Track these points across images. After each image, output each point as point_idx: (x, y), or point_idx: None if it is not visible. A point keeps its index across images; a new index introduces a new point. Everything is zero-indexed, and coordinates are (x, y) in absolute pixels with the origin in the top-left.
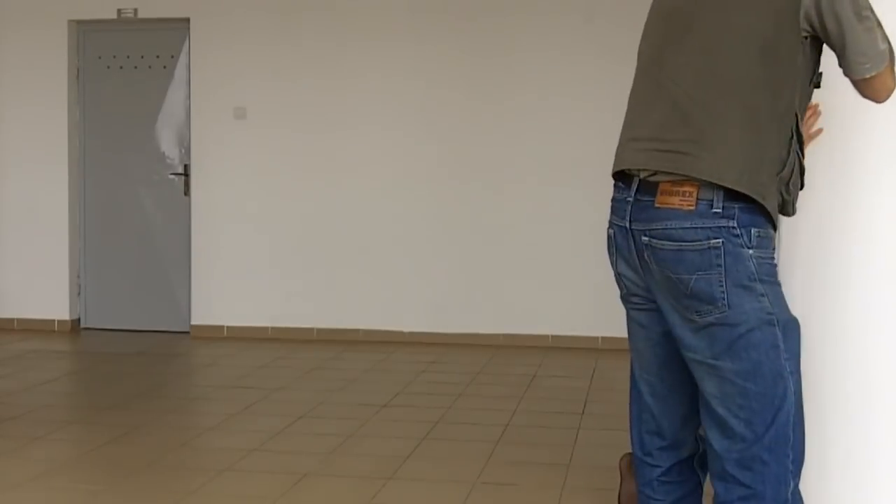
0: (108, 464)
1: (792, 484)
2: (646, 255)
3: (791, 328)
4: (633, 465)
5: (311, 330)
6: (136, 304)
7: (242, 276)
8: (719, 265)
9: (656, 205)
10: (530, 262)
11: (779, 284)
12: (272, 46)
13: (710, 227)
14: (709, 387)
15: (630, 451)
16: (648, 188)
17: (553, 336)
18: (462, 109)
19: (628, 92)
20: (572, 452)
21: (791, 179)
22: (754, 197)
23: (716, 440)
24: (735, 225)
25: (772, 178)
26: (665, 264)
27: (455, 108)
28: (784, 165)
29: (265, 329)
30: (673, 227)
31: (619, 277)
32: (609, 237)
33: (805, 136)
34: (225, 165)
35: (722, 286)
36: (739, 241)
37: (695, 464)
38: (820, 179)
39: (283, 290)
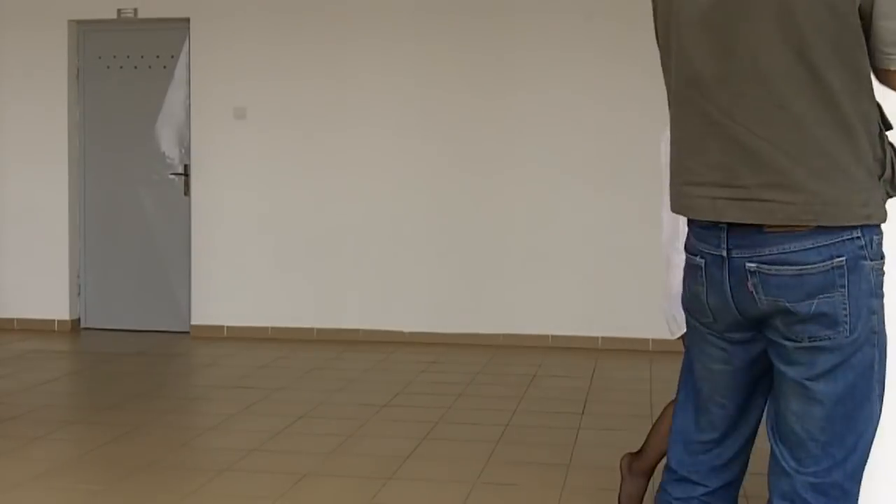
0: (108, 464)
1: None
2: (749, 285)
3: (885, 346)
4: (663, 482)
5: (311, 330)
6: (136, 304)
7: (242, 276)
8: (843, 286)
9: (766, 230)
10: (530, 261)
11: (884, 295)
12: (272, 46)
13: (833, 244)
14: (793, 405)
15: (630, 451)
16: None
17: (553, 336)
18: (461, 109)
19: (629, 90)
20: (572, 452)
21: (895, 177)
22: (860, 224)
23: (786, 459)
24: (860, 234)
25: (874, 188)
26: (779, 292)
27: (454, 108)
28: (883, 167)
29: (265, 329)
30: (792, 249)
31: (703, 308)
32: (698, 267)
33: None
34: (225, 165)
35: (846, 308)
36: (863, 252)
37: (734, 494)
38: None
39: (283, 290)
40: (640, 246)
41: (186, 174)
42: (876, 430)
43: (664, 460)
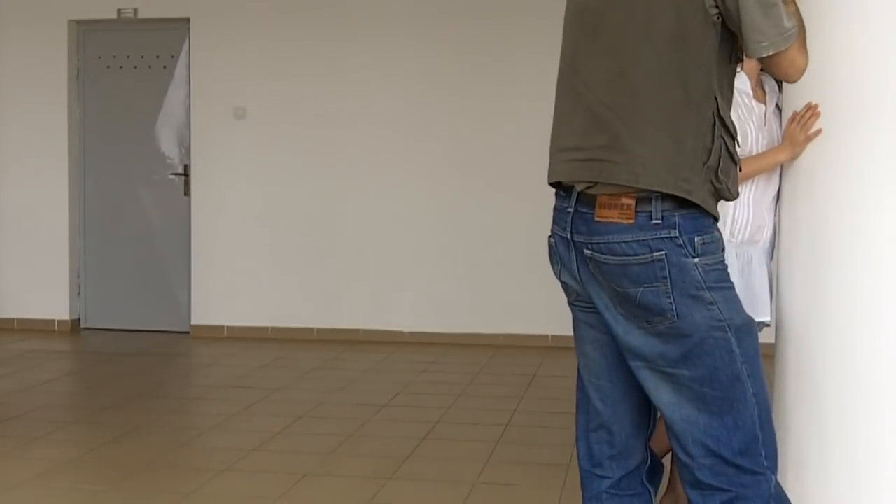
0: (108, 464)
1: (773, 479)
2: (590, 267)
3: (745, 332)
4: (581, 480)
5: (311, 330)
6: (136, 304)
7: (242, 276)
8: (664, 277)
9: (596, 218)
10: (530, 261)
11: (731, 287)
12: (272, 46)
13: (651, 239)
14: (664, 395)
15: None
16: (587, 199)
17: (553, 336)
18: (461, 109)
19: None
20: (572, 452)
21: (720, 166)
22: (679, 194)
23: (678, 450)
24: (677, 234)
25: (696, 169)
26: (610, 277)
27: (454, 108)
28: (710, 153)
29: (265, 329)
30: (615, 241)
31: (563, 285)
32: (550, 246)
33: (804, 136)
34: (225, 165)
35: (669, 297)
36: (683, 251)
37: (644, 478)
38: (820, 179)
39: (283, 290)
40: None
41: (186, 174)
42: (756, 406)
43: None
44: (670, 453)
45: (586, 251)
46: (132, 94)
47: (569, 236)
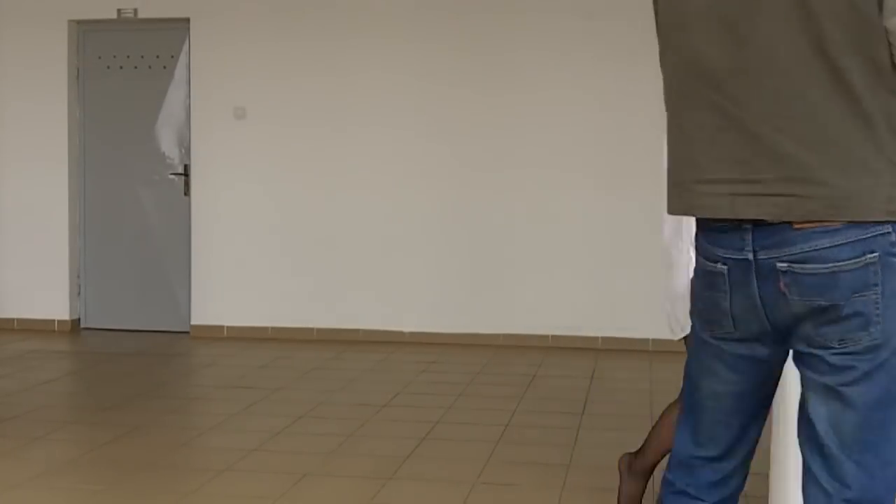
0: (108, 464)
1: None
2: (782, 286)
3: None
4: (664, 493)
5: (311, 330)
6: (136, 304)
7: (242, 276)
8: (876, 284)
9: (795, 226)
10: (530, 262)
11: None
12: (272, 46)
13: (865, 239)
14: (823, 411)
15: (629, 451)
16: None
17: (553, 336)
18: (461, 109)
19: (631, 90)
20: (572, 452)
21: None
22: (891, 219)
23: (822, 476)
24: (890, 230)
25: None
26: (812, 291)
27: (454, 108)
28: None
29: (265, 329)
30: (824, 245)
31: (723, 318)
32: (719, 274)
33: None
34: (225, 165)
35: (878, 307)
36: (895, 249)
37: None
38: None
39: (283, 290)
40: (640, 246)
41: (186, 174)
42: None
43: (664, 461)
44: (668, 456)
45: (780, 265)
46: (132, 94)
47: (749, 256)
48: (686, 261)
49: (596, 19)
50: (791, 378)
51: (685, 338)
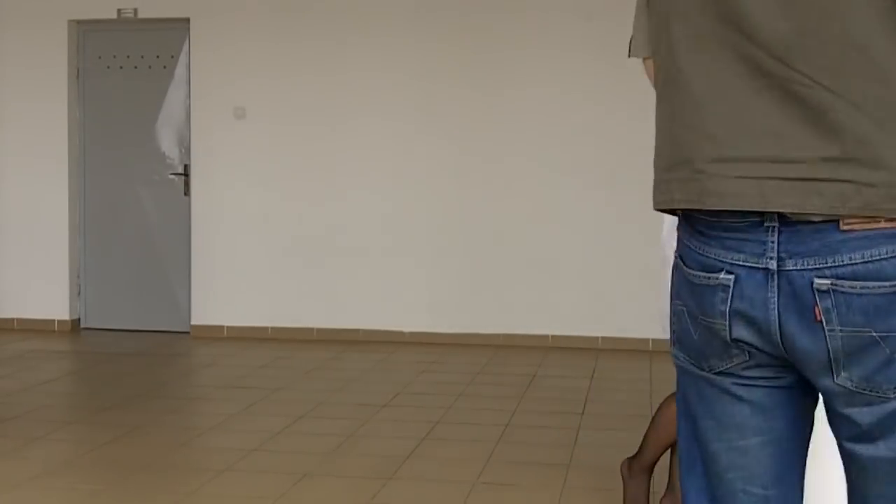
0: (108, 464)
1: None
2: (818, 314)
3: None
4: None
5: (311, 330)
6: (136, 304)
7: (242, 276)
8: None
9: (842, 228)
10: (530, 262)
11: None
12: (272, 46)
13: None
14: (886, 490)
15: (630, 455)
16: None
17: (553, 336)
18: (462, 109)
19: (630, 89)
20: (572, 452)
21: None
22: None
23: None
24: None
25: None
26: (865, 318)
27: (454, 108)
28: None
29: (265, 329)
30: (884, 256)
31: (723, 347)
32: (718, 287)
33: None
34: (225, 165)
35: None
36: None
37: None
38: None
39: (283, 290)
40: (640, 246)
41: (186, 174)
42: None
43: (663, 458)
44: (668, 452)
45: (820, 282)
46: (132, 94)
47: (771, 265)
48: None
49: (595, 19)
50: None
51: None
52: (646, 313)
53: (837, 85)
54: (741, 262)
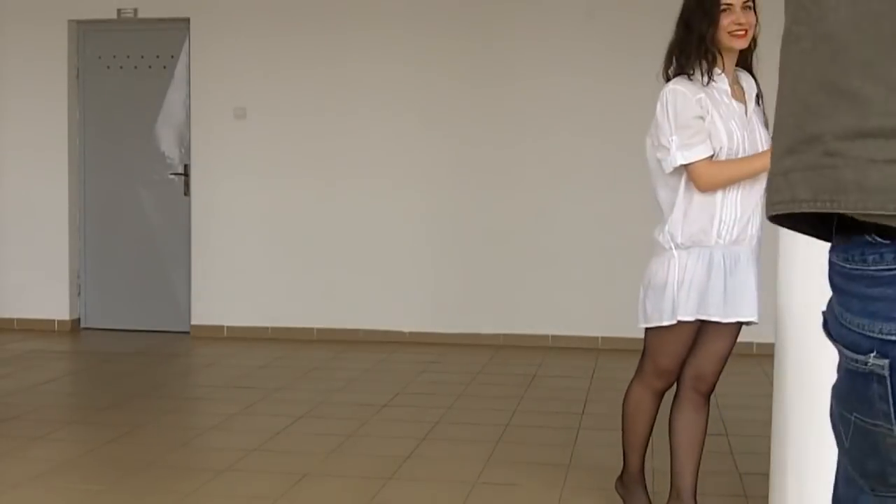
0: (108, 464)
1: None
2: None
3: None
4: None
5: (311, 330)
6: (136, 304)
7: (242, 276)
8: None
9: None
10: (531, 262)
11: None
12: (272, 46)
13: None
14: None
15: (622, 473)
16: None
17: (553, 336)
18: (462, 108)
19: (630, 88)
20: (572, 452)
21: None
22: None
23: None
24: None
25: None
26: None
27: (455, 107)
28: None
29: (265, 329)
30: None
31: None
32: (871, 377)
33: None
34: (225, 165)
35: None
36: None
37: None
38: None
39: (283, 290)
40: (640, 245)
41: (186, 174)
42: None
43: (664, 463)
44: (668, 458)
45: None
46: (132, 94)
47: None
48: (668, 257)
49: (597, 16)
50: (791, 378)
51: (647, 328)
52: None
53: None
54: None
